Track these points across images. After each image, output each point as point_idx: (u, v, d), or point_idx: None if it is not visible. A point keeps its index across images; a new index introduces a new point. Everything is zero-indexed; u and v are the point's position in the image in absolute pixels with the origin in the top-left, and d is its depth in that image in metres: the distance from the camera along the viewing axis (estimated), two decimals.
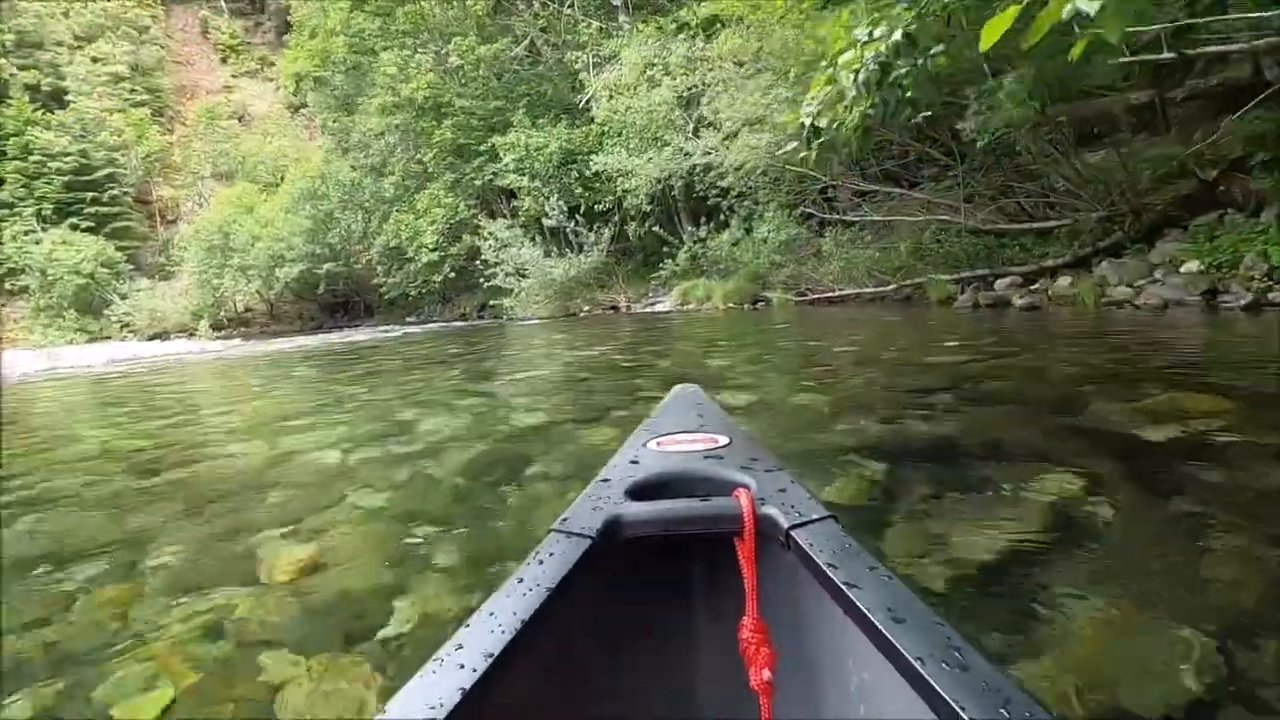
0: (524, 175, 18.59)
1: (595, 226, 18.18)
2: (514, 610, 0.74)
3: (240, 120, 46.36)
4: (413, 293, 26.71)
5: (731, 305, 14.02)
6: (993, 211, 10.80)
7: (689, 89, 14.53)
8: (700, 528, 0.92)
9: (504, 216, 20.47)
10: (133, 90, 42.76)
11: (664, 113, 14.50)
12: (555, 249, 18.71)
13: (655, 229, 14.84)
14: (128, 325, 36.17)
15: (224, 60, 51.41)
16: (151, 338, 35.53)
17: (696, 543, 0.99)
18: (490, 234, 19.34)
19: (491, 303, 21.43)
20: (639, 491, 1.01)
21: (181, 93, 47.66)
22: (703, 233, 14.39)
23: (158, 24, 47.04)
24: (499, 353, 9.90)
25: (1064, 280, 8.80)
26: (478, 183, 21.27)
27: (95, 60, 41.48)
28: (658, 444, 1.21)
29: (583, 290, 18.79)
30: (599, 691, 0.94)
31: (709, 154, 13.91)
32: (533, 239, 19.19)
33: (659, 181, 15.62)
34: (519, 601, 0.75)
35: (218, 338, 32.55)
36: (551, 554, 0.84)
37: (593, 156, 16.82)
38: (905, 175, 13.08)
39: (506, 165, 18.92)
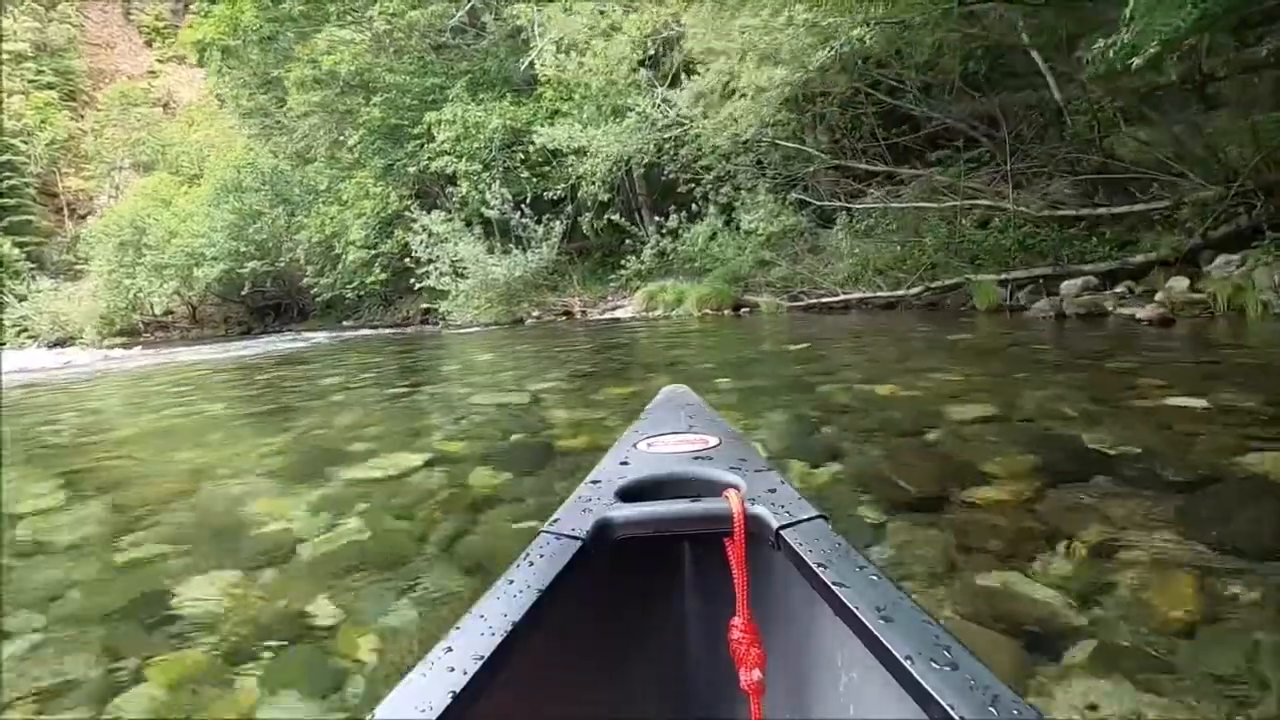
0: (460, 158, 15.52)
1: (545, 219, 15.24)
2: (504, 612, 0.71)
3: (165, 108, 41.88)
4: (349, 295, 23.29)
5: (709, 312, 11.27)
6: (1048, 194, 8.26)
7: (657, 34, 11.59)
8: (690, 528, 0.89)
9: (445, 209, 17.36)
10: (39, 72, 37.97)
11: (624, 71, 11.60)
12: (501, 245, 15.65)
13: (616, 218, 11.93)
14: (25, 330, 31.71)
15: (149, 44, 46.66)
16: (54, 344, 31.21)
17: (687, 543, 0.99)
18: (422, 227, 16.19)
19: (429, 306, 18.25)
20: (629, 493, 0.98)
21: (99, 77, 42.89)
22: (673, 223, 11.52)
23: (70, 2, 42.18)
24: (403, 380, 6.90)
25: (1177, 281, 6.25)
26: (412, 170, 18.04)
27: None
28: (647, 445, 1.19)
29: (531, 293, 15.81)
30: (590, 694, 0.92)
31: (683, 123, 11.08)
32: (476, 234, 16.13)
33: (619, 161, 12.75)
34: (509, 603, 0.73)
35: (119, 345, 28.52)
36: (541, 555, 0.82)
37: (539, 128, 13.81)
38: (912, 154, 10.53)
39: (440, 145, 15.81)
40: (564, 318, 15.24)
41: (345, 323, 26.21)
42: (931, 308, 8.84)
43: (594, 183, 13.45)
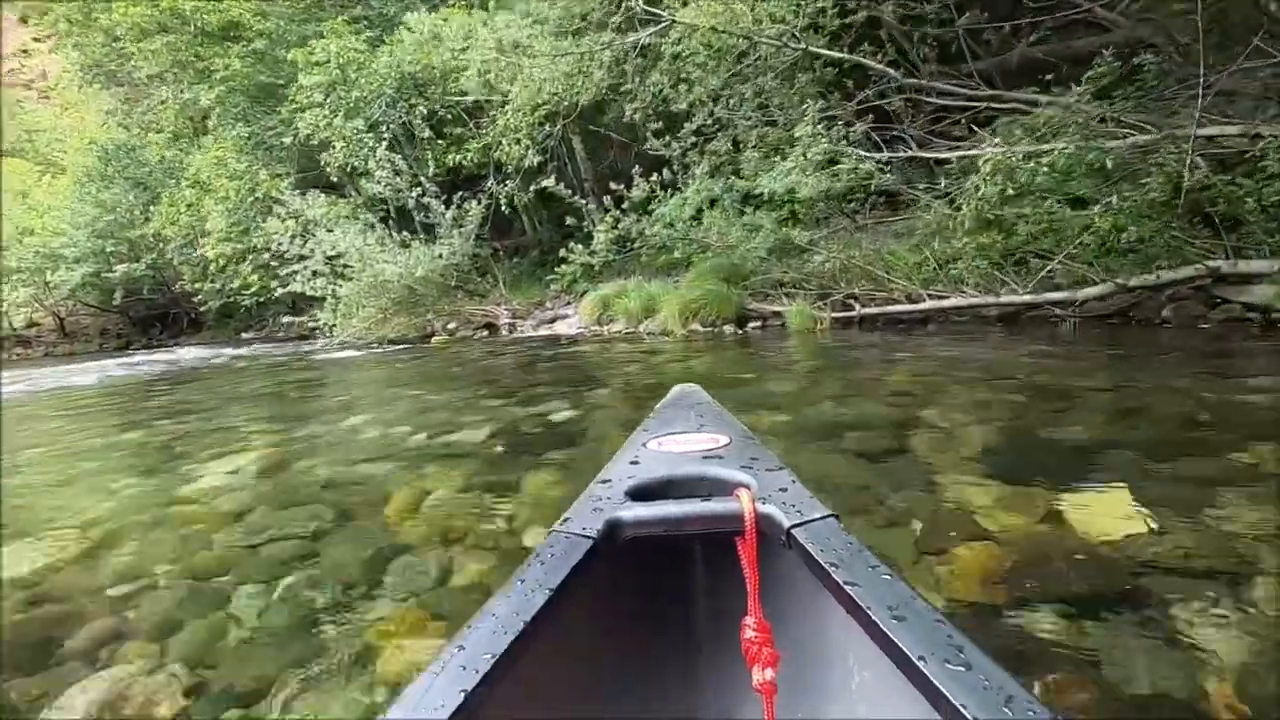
0: (335, 113, 10.75)
1: (459, 198, 10.66)
2: (515, 611, 0.69)
3: (39, 91, 35.05)
4: (246, 301, 17.76)
5: (697, 328, 6.92)
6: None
7: None
8: (701, 528, 0.86)
9: (338, 194, 12.50)
10: None
11: None
12: (403, 238, 10.92)
13: (551, 184, 7.36)
14: None
15: (24, 20, 39.42)
16: None
17: (697, 543, 0.96)
18: (290, 213, 11.34)
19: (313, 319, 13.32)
20: (639, 492, 0.94)
21: None
22: (640, 191, 7.02)
23: None
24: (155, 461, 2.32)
25: None
26: (287, 140, 13.08)
27: None
28: (658, 444, 1.14)
29: (440, 299, 11.16)
30: (601, 692, 0.89)
31: (656, 17, 6.66)
32: (365, 223, 11.38)
33: (555, 102, 8.26)
34: (520, 602, 0.70)
35: None
36: (552, 555, 0.79)
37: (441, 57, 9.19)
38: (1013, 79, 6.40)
39: (309, 96, 11.01)
40: (485, 332, 10.66)
41: (246, 334, 21.03)
42: (1110, 321, 4.75)
43: (518, 140, 8.94)
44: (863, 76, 6.83)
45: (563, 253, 7.52)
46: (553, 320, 10.05)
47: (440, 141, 10.72)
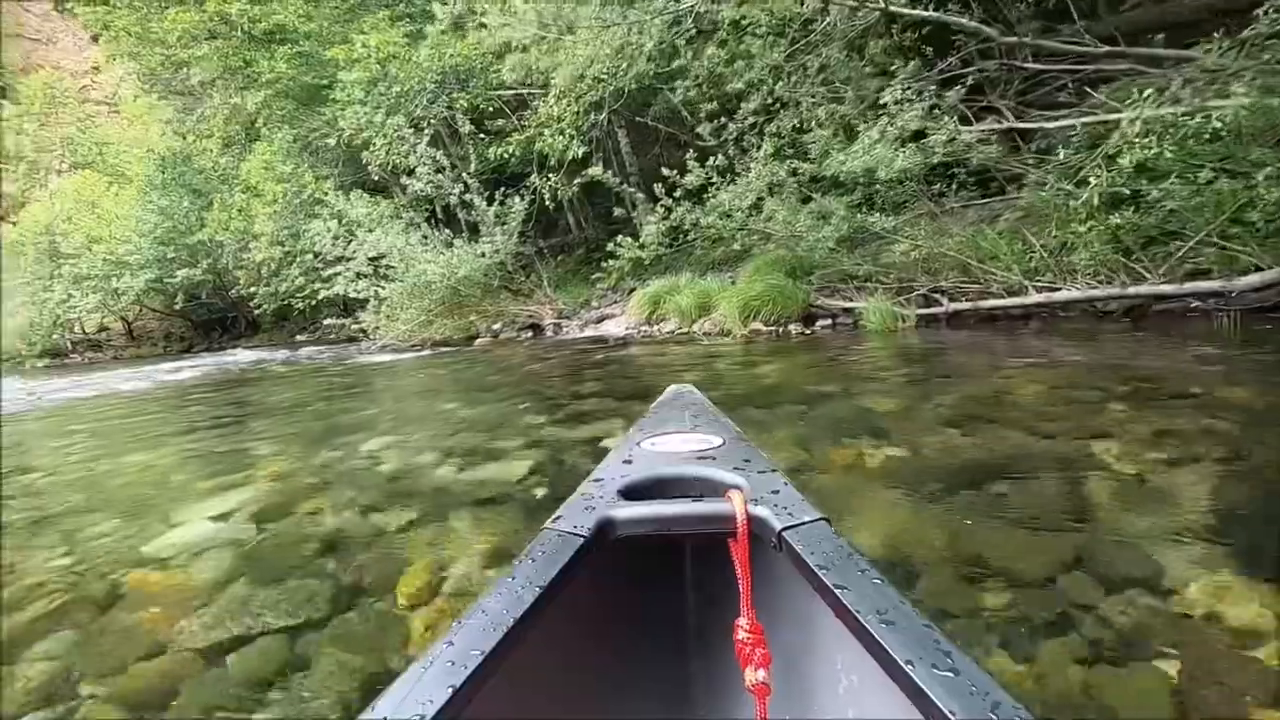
0: (377, 109, 10.40)
1: (503, 193, 10.19)
2: (505, 609, 0.68)
3: (112, 107, 36.40)
4: (299, 305, 17.74)
5: (760, 328, 6.22)
6: None
7: None
8: (692, 528, 0.85)
9: (384, 195, 12.21)
10: None
11: None
12: (448, 238, 10.51)
13: (597, 172, 6.70)
14: None
15: (95, 39, 41.04)
16: None
17: (688, 543, 0.95)
18: (334, 213, 11.09)
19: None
20: (632, 491, 0.93)
21: (37, 74, 37.21)
22: (695, 177, 6.30)
23: None
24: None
25: None
26: (331, 141, 12.88)
27: None
28: (651, 444, 1.13)
29: (483, 299, 10.73)
30: (590, 691, 0.88)
31: None
32: (409, 222, 11.05)
33: (600, 87, 7.66)
34: (510, 600, 0.69)
35: (42, 369, 23.31)
36: (544, 553, 0.78)
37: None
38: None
39: (349, 93, 10.70)
40: (529, 334, 10.18)
41: (300, 337, 21.23)
42: (1274, 315, 3.87)
43: (561, 130, 8.39)
44: (943, 43, 6.02)
45: (610, 246, 6.90)
46: (599, 320, 9.49)
47: (483, 136, 10.25)
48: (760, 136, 6.73)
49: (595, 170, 6.91)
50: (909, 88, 4.92)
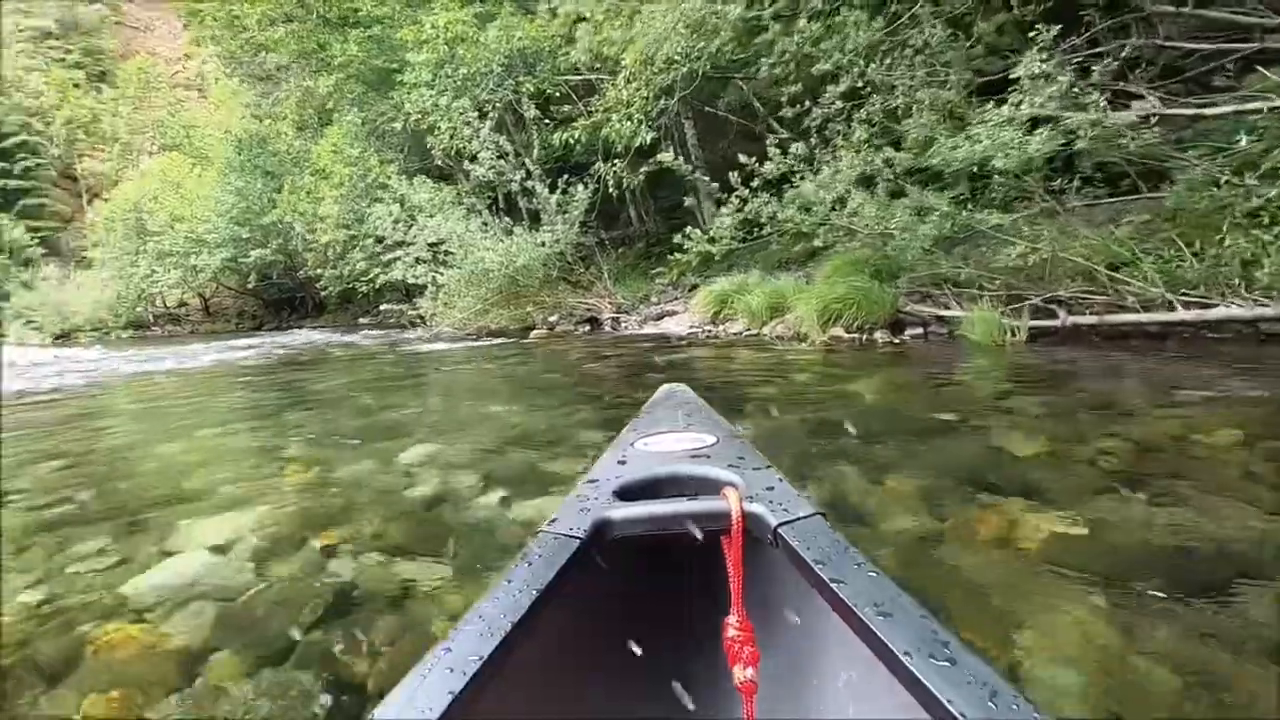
0: (442, 91, 10.14)
1: (565, 181, 9.80)
2: (502, 612, 0.67)
3: (200, 91, 37.94)
4: (363, 288, 17.81)
5: (842, 334, 5.59)
6: None
7: None
8: (688, 527, 0.85)
9: (448, 182, 12.02)
10: (68, 50, 34.35)
11: None
12: (507, 226, 10.20)
13: (667, 158, 6.19)
14: (31, 322, 27.97)
15: (186, 26, 42.92)
16: (57, 338, 27.42)
17: (685, 542, 0.89)
18: (396, 197, 10.94)
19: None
20: (627, 492, 0.93)
21: (134, 59, 39.13)
22: (773, 166, 5.68)
23: None
24: None
25: None
26: (398, 125, 12.76)
27: (18, 12, 33.06)
28: (645, 444, 1.13)
29: (541, 290, 10.38)
30: (589, 692, 0.89)
31: None
32: (469, 209, 10.82)
33: (673, 69, 7.12)
34: (508, 603, 0.69)
35: (127, 339, 24.51)
36: (540, 555, 0.78)
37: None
38: None
39: (416, 75, 10.49)
40: (586, 328, 9.79)
41: (363, 320, 21.54)
42: None
43: (629, 115, 7.90)
44: (1070, 19, 5.24)
45: (677, 238, 6.38)
46: (660, 317, 9.00)
47: (547, 122, 9.86)
48: (847, 123, 6.09)
49: (665, 156, 6.40)
50: (1049, 58, 4.19)
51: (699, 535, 0.84)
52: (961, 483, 2.07)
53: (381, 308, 14.31)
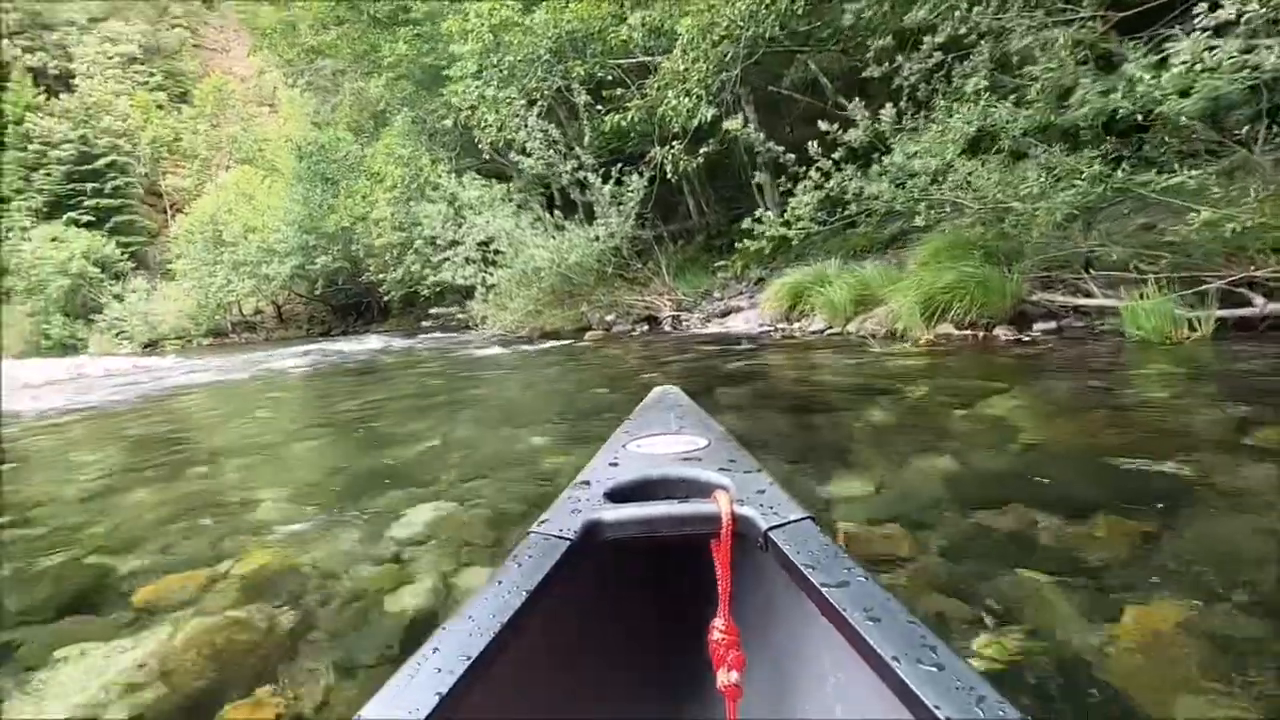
0: (487, 82, 9.55)
1: (619, 170, 9.06)
2: (491, 613, 0.66)
3: (272, 106, 39.24)
4: (425, 291, 17.59)
5: (954, 332, 4.60)
6: None
7: None
8: (678, 529, 0.84)
9: (501, 179, 11.48)
10: (151, 74, 36.07)
11: None
12: (559, 221, 9.52)
13: (735, 125, 5.24)
14: (122, 332, 29.40)
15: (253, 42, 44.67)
16: (146, 346, 28.72)
17: (675, 545, 0.89)
18: (443, 195, 10.46)
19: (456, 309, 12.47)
20: (618, 494, 0.92)
21: (209, 79, 40.84)
22: (857, 132, 4.64)
23: (180, 3, 40.35)
24: None
25: None
26: (448, 123, 12.30)
27: (107, 40, 34.87)
28: (637, 445, 1.12)
29: (596, 288, 9.68)
30: (577, 694, 0.87)
31: None
32: (519, 205, 10.23)
33: (735, 36, 6.24)
34: (497, 604, 0.68)
35: (209, 346, 25.42)
36: (530, 556, 0.77)
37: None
38: None
39: (463, 67, 9.94)
40: (645, 327, 9.01)
41: (425, 323, 21.55)
42: None
43: (688, 91, 7.04)
44: None
45: (746, 223, 5.47)
46: (725, 314, 8.12)
47: (599, 108, 9.12)
48: (947, 80, 5.07)
49: (733, 123, 5.49)
50: None
51: (689, 538, 0.82)
52: (1250, 610, 1.16)
53: (432, 311, 13.95)
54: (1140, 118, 3.65)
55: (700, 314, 8.54)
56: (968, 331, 4.53)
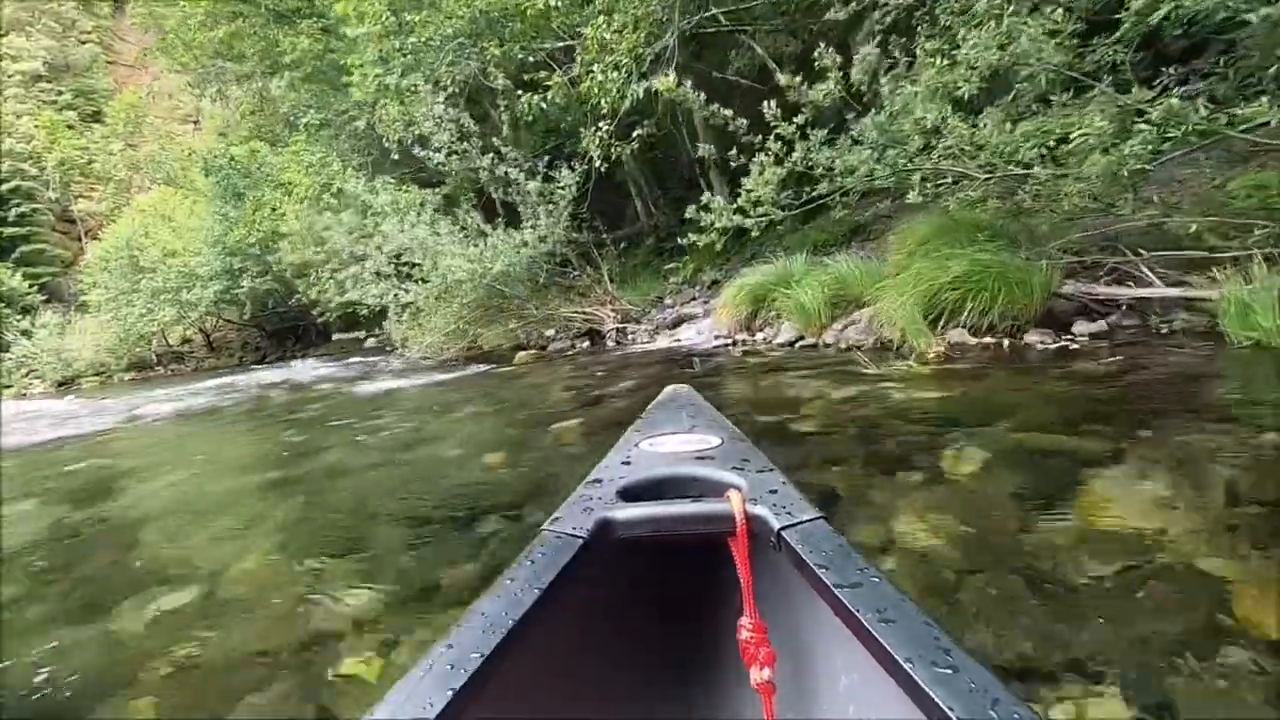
0: (390, 70, 8.16)
1: (546, 164, 7.79)
2: (504, 611, 0.66)
3: (196, 124, 36.77)
4: (363, 311, 15.84)
5: (969, 340, 3.44)
6: None
7: None
8: (691, 529, 0.82)
9: (435, 186, 10.03)
10: (59, 92, 33.34)
11: None
12: (481, 224, 8.15)
13: (666, 85, 4.14)
14: (32, 371, 26.74)
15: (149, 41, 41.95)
16: (60, 385, 26.12)
17: (688, 544, 0.88)
18: (351, 203, 9.03)
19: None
20: (630, 492, 0.91)
21: (122, 96, 38.08)
22: (827, 88, 3.55)
23: (91, 17, 37.58)
24: None
25: None
26: (360, 124, 10.79)
27: (6, 57, 32.08)
28: (650, 444, 1.10)
29: (530, 299, 8.35)
30: (590, 692, 0.85)
31: None
32: (435, 211, 8.82)
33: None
34: (510, 602, 0.67)
35: (130, 380, 23.12)
36: (543, 554, 0.76)
37: None
38: None
39: (362, 54, 8.54)
40: (586, 344, 7.72)
41: (370, 342, 19.85)
42: None
43: (616, 65, 5.81)
44: None
45: (691, 211, 4.24)
46: (676, 324, 6.90)
47: (519, 94, 7.83)
48: (930, 20, 3.94)
49: (665, 82, 4.24)
50: None
51: (702, 537, 0.81)
52: None
53: (334, 337, 12.43)
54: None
55: (649, 325, 7.29)
56: (985, 339, 3.38)
